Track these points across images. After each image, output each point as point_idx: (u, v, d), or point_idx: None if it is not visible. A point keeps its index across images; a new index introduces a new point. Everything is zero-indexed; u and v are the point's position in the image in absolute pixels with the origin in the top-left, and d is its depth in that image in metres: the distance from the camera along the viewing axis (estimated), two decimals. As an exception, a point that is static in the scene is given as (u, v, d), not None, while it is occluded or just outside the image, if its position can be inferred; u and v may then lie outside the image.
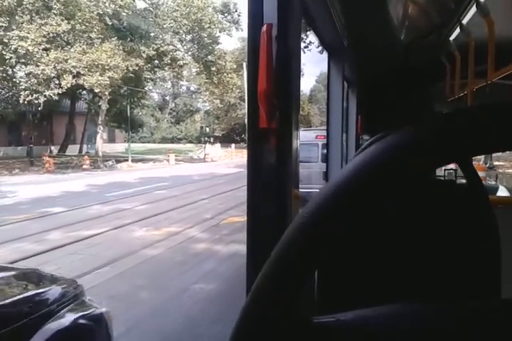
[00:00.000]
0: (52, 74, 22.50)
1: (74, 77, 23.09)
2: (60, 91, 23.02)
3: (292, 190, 1.35)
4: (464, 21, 3.55)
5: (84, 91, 27.41)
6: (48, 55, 22.24)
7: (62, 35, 23.08)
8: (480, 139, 0.35)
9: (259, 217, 1.31)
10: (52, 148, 28.52)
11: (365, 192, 0.36)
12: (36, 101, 22.97)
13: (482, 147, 0.36)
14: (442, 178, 4.97)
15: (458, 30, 3.73)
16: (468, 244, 1.14)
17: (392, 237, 1.13)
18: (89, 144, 31.03)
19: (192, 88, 38.65)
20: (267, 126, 1.19)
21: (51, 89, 22.84)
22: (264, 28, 1.18)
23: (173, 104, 44.01)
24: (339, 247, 0.99)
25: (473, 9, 3.20)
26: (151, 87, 37.31)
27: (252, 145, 1.27)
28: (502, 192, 7.31)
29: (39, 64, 22.08)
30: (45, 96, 22.71)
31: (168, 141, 41.84)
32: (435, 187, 1.24)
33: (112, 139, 34.71)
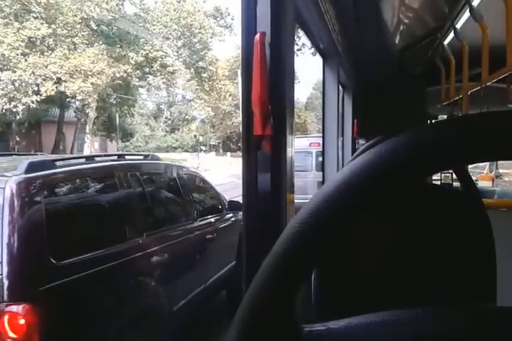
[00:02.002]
0: (31, 81, 21.25)
1: (55, 83, 21.89)
2: (39, 99, 21.76)
3: (287, 196, 1.36)
4: (458, 25, 3.57)
5: (73, 100, 25.95)
6: (26, 60, 21.01)
7: (43, 40, 21.87)
8: (475, 147, 0.35)
9: (255, 223, 1.31)
10: (42, 158, 27.42)
11: (358, 199, 0.36)
12: (14, 110, 21.72)
13: (478, 155, 0.36)
14: (439, 182, 4.98)
15: (452, 34, 3.75)
16: (464, 248, 1.14)
17: (387, 242, 1.13)
18: (80, 154, 30.30)
19: (188, 96, 38.25)
20: (261, 133, 1.19)
21: (29, 96, 21.51)
22: (258, 36, 1.19)
23: (169, 113, 43.60)
24: (335, 253, 0.99)
25: (467, 13, 3.22)
26: (145, 96, 36.76)
27: (246, 152, 1.27)
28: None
29: (16, 69, 20.85)
30: (23, 104, 21.50)
31: (163, 150, 41.39)
32: (429, 192, 1.24)
33: (103, 148, 33.89)
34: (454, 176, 5.53)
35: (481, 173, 9.97)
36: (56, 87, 22.01)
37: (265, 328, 0.38)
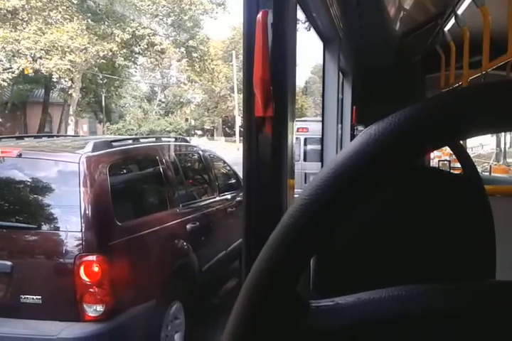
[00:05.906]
0: (0, 56, 19.72)
1: (32, 60, 20.09)
2: (11, 76, 20.01)
3: (288, 180, 1.35)
4: (459, 11, 3.53)
5: (56, 79, 23.80)
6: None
7: (15, 12, 19.77)
8: (467, 121, 0.35)
9: (254, 207, 1.30)
10: (27, 140, 26.01)
11: (368, 171, 0.35)
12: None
13: (470, 129, 0.36)
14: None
15: (453, 20, 3.72)
16: (463, 233, 1.14)
17: (387, 224, 1.13)
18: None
19: (182, 79, 37.38)
20: (262, 114, 1.18)
21: (-1, 74, 19.78)
22: (260, 14, 1.17)
23: (163, 95, 42.79)
24: (338, 231, 0.99)
25: (468, -1, 3.19)
26: (138, 78, 35.79)
27: (247, 134, 1.26)
28: None
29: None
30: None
31: (157, 133, 40.53)
32: (427, 176, 1.24)
33: (93, 131, 32.69)
34: (452, 164, 5.54)
35: (485, 163, 9.87)
36: (31, 64, 20.32)
37: (273, 303, 0.37)
